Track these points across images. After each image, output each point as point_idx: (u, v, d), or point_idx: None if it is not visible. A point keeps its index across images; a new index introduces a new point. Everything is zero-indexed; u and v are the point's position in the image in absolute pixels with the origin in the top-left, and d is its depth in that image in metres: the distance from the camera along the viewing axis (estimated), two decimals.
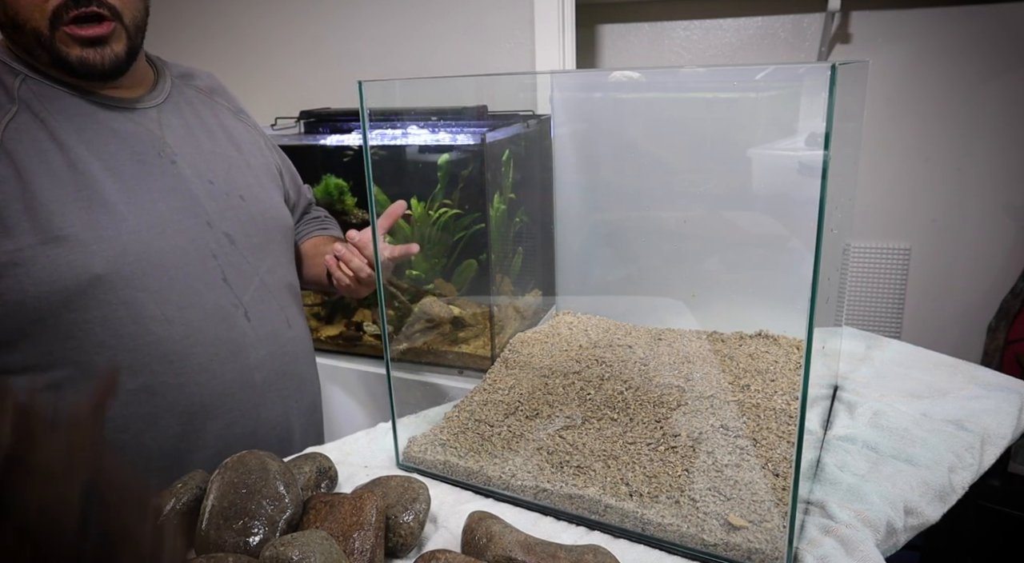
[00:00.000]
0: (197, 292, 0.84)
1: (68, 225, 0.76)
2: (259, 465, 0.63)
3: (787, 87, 0.72)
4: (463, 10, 1.61)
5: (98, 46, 0.80)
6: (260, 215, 0.93)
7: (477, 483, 0.76)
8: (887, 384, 0.93)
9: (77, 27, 0.78)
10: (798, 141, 0.72)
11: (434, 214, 1.26)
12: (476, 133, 1.17)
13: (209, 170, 0.89)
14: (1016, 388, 0.91)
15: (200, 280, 0.84)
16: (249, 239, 0.91)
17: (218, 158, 0.91)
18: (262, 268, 0.92)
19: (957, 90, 1.62)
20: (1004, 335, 1.69)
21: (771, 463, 0.70)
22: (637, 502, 0.68)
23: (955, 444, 0.78)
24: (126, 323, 0.79)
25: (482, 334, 1.28)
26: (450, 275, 1.29)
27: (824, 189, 0.52)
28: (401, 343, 1.20)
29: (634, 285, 1.13)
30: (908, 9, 1.60)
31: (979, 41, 1.57)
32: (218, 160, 0.91)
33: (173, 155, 0.86)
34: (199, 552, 0.58)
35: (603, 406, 0.83)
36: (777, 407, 0.80)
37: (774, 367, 0.90)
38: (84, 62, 0.80)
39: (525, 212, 1.25)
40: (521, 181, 1.23)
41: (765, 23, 1.72)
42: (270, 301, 0.92)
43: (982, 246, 1.70)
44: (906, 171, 1.70)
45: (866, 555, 0.61)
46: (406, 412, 0.91)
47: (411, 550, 0.65)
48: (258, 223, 0.93)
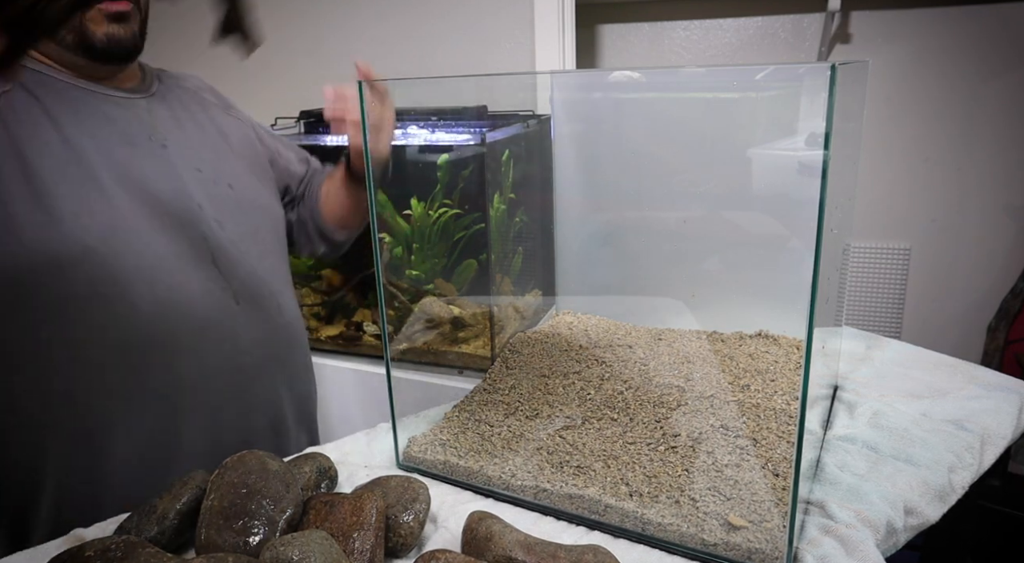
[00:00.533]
0: (186, 273, 0.84)
1: (60, 196, 0.76)
2: (259, 465, 0.63)
3: (787, 87, 0.72)
4: (463, 10, 1.61)
5: (123, 22, 0.83)
6: (249, 204, 0.94)
7: (477, 483, 0.76)
8: (887, 384, 0.93)
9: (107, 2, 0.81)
10: (798, 141, 0.72)
11: (434, 214, 1.26)
12: (476, 133, 1.17)
13: (198, 157, 0.90)
14: (1016, 388, 0.91)
15: (190, 261, 0.84)
16: (238, 226, 0.91)
17: (207, 148, 0.92)
18: (252, 254, 0.92)
19: (957, 90, 1.62)
20: (1004, 335, 1.69)
21: (771, 463, 0.70)
22: (637, 502, 0.68)
23: (955, 444, 0.78)
24: (115, 300, 0.79)
25: (482, 334, 1.28)
26: (450, 275, 1.29)
27: (824, 189, 0.52)
28: (401, 343, 1.20)
29: (634, 285, 1.13)
30: (908, 9, 1.60)
31: (979, 41, 1.57)
32: (206, 149, 0.92)
33: (163, 140, 0.87)
34: (199, 552, 0.58)
35: (603, 406, 0.83)
36: (777, 407, 0.80)
37: (774, 367, 0.90)
38: (112, 37, 0.82)
39: (525, 212, 1.25)
40: (521, 181, 1.23)
41: (765, 23, 1.72)
42: (260, 287, 0.92)
43: (982, 246, 1.70)
44: (906, 171, 1.70)
45: (866, 555, 0.61)
46: (406, 412, 0.91)
47: (411, 550, 0.65)
48: (247, 212, 0.93)
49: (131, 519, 0.63)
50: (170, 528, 0.63)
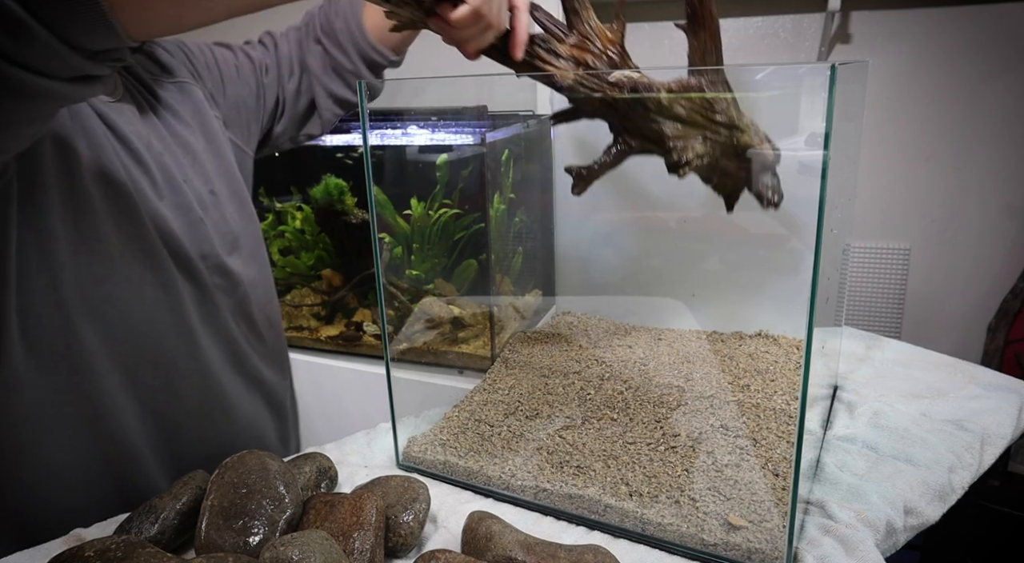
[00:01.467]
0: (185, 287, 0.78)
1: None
2: (259, 465, 0.63)
3: (787, 87, 0.72)
4: None
5: None
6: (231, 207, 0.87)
7: (477, 483, 0.76)
8: (887, 384, 0.93)
9: None
10: (798, 141, 0.72)
11: (434, 214, 1.26)
12: (476, 133, 1.17)
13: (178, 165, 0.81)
14: (1016, 388, 0.91)
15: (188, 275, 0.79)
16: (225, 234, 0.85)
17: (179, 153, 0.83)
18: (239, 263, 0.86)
19: (957, 90, 1.62)
20: (1004, 335, 1.69)
21: (771, 463, 0.70)
22: (637, 502, 0.68)
23: (955, 444, 0.78)
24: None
25: (482, 334, 1.28)
26: (450, 275, 1.29)
27: (824, 189, 0.52)
28: (401, 343, 1.20)
29: (634, 285, 1.13)
30: (908, 9, 1.60)
31: (979, 41, 1.57)
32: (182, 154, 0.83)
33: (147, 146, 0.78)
34: (199, 552, 0.58)
35: (603, 406, 0.83)
36: (777, 407, 0.80)
37: (774, 367, 0.90)
38: None
39: (525, 212, 1.25)
40: (521, 181, 1.23)
41: (765, 23, 1.72)
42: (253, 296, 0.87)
43: (982, 246, 1.70)
44: (906, 171, 1.70)
45: (866, 555, 0.61)
46: (406, 412, 0.91)
47: (411, 550, 0.65)
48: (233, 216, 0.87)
49: (131, 519, 0.63)
50: (170, 528, 0.63)
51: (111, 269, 0.72)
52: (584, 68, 0.70)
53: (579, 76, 0.69)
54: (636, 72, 0.70)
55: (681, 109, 0.69)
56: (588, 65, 0.70)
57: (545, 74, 0.72)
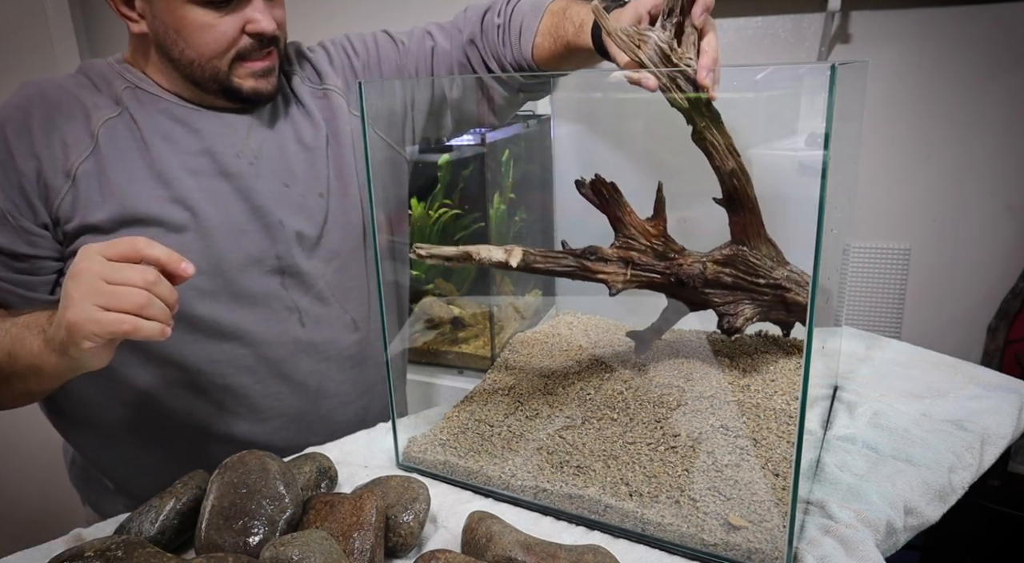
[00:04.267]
0: (252, 296, 0.86)
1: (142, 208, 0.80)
2: (259, 465, 0.63)
3: (787, 87, 0.72)
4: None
5: (268, 75, 0.86)
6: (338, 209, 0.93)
7: (477, 483, 0.76)
8: (887, 384, 0.93)
9: (252, 62, 0.84)
10: (798, 141, 0.72)
11: (434, 214, 1.26)
12: (476, 133, 1.17)
13: (287, 171, 0.90)
14: (1016, 388, 0.91)
15: (258, 284, 0.86)
16: (322, 238, 0.91)
17: (299, 158, 0.91)
18: (329, 269, 0.92)
19: (957, 90, 1.62)
20: (1004, 335, 1.69)
21: (771, 463, 0.70)
22: (637, 502, 0.68)
23: (955, 444, 0.78)
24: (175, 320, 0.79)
25: (482, 334, 1.29)
26: (450, 275, 1.29)
27: (824, 189, 0.52)
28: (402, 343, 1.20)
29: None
30: (908, 9, 1.60)
31: (979, 41, 1.57)
32: (297, 161, 0.91)
33: (253, 157, 0.87)
34: (199, 552, 0.58)
35: (603, 406, 0.83)
36: (777, 407, 0.80)
37: (774, 367, 0.90)
38: (256, 92, 0.86)
39: (525, 212, 1.25)
40: (521, 181, 1.23)
41: (765, 23, 1.72)
42: (332, 304, 0.92)
43: (982, 246, 1.70)
44: (906, 171, 1.70)
45: (866, 555, 0.61)
46: (406, 412, 0.91)
47: (411, 550, 0.65)
48: (338, 219, 0.93)
49: (131, 519, 0.63)
50: (170, 528, 0.63)
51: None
52: (632, 266, 0.80)
53: (627, 278, 0.79)
54: (679, 254, 0.79)
55: (727, 278, 0.80)
56: (635, 262, 0.79)
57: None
